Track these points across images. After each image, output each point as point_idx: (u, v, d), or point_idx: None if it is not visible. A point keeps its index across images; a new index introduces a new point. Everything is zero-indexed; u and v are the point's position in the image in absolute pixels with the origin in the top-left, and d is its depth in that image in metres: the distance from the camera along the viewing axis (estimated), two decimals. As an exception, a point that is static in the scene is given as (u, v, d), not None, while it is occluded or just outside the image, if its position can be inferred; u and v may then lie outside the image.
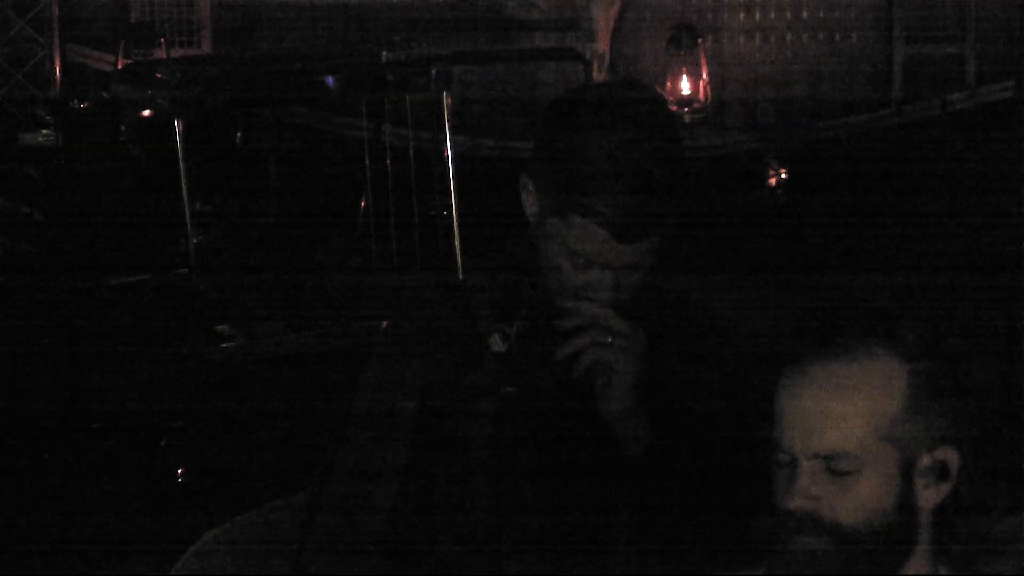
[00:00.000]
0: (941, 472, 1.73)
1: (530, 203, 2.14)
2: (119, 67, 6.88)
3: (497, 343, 2.09)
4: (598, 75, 7.56)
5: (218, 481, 4.48)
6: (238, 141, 6.65)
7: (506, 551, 2.14)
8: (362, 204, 5.75)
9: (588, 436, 2.12)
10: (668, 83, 7.76)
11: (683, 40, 7.82)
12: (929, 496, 1.74)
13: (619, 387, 2.07)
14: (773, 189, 7.35)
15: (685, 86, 7.83)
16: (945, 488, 1.74)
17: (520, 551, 2.14)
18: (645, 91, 2.15)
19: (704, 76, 7.83)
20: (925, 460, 1.73)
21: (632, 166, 2.03)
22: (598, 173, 2.03)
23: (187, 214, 4.87)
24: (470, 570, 2.15)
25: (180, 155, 4.81)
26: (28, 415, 4.95)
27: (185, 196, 4.85)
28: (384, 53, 5.43)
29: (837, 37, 8.18)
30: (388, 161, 5.69)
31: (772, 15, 8.19)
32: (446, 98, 5.15)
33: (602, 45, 7.91)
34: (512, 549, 2.14)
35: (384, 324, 2.26)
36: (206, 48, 8.01)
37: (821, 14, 8.18)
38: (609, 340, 2.06)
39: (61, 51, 7.68)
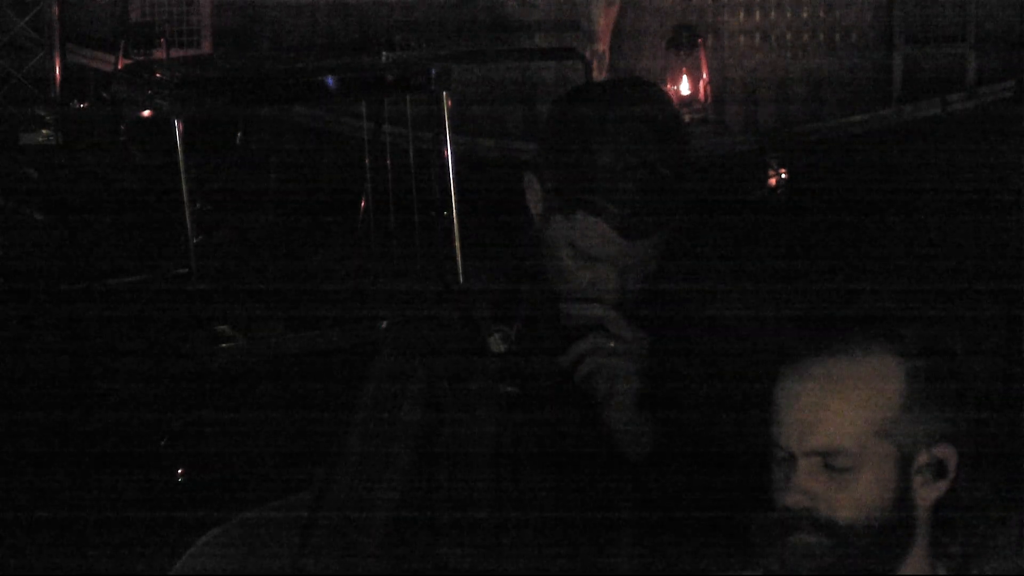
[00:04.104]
0: (939, 470, 1.73)
1: (535, 201, 2.14)
2: (119, 67, 6.89)
3: (497, 343, 2.09)
4: (598, 75, 7.56)
5: (218, 481, 4.48)
6: (238, 141, 6.66)
7: (508, 552, 2.14)
8: (362, 204, 5.75)
9: (590, 438, 2.12)
10: (668, 83, 7.77)
11: (683, 40, 7.83)
12: (927, 494, 1.74)
13: (622, 392, 2.07)
14: (773, 189, 7.36)
15: (685, 86, 7.83)
16: (943, 486, 1.74)
17: (522, 552, 2.14)
18: (650, 88, 2.15)
19: (704, 76, 7.84)
20: (923, 457, 1.73)
21: (638, 163, 2.03)
22: (605, 170, 2.03)
23: (187, 214, 4.87)
24: (472, 570, 2.15)
25: (180, 155, 4.81)
26: (28, 415, 4.95)
27: (185, 196, 4.85)
28: (384, 53, 5.44)
29: (837, 37, 8.19)
30: (388, 161, 5.70)
31: (772, 15, 8.20)
32: (446, 98, 5.14)
33: (602, 45, 7.91)
34: (514, 550, 2.14)
35: (383, 324, 2.26)
36: (206, 48, 8.03)
37: (821, 14, 8.19)
38: (612, 345, 2.06)
39: (61, 51, 7.69)
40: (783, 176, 7.32)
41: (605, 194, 2.03)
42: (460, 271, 5.05)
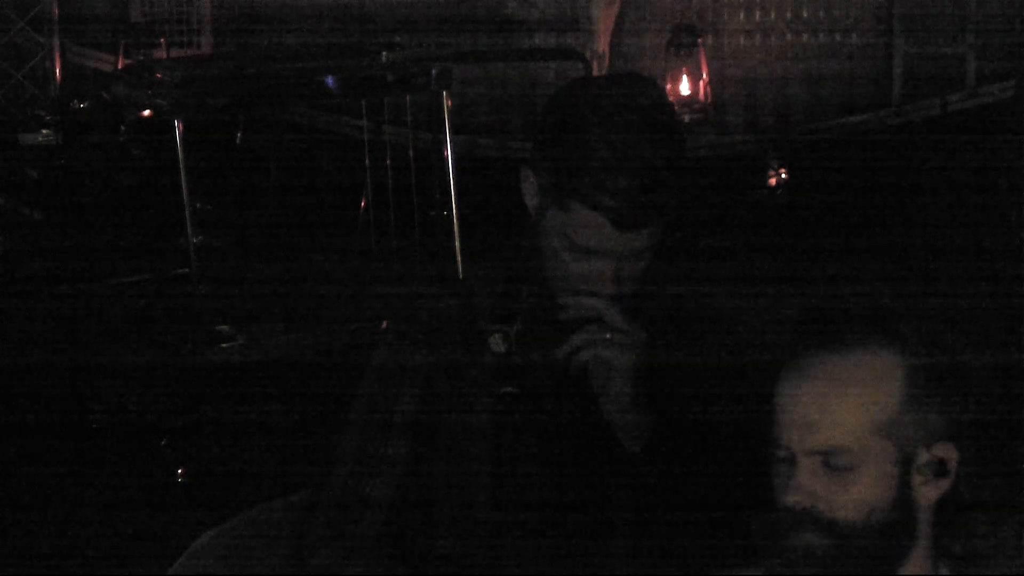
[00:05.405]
0: (939, 469, 1.73)
1: (531, 195, 2.15)
2: (119, 67, 6.88)
3: (497, 343, 2.09)
4: (598, 75, 7.56)
5: (218, 481, 4.48)
6: (238, 141, 6.65)
7: (506, 546, 2.14)
8: (362, 204, 5.75)
9: (588, 432, 2.12)
10: (668, 83, 7.76)
11: (683, 40, 7.81)
12: (927, 493, 1.73)
13: (618, 383, 2.08)
14: (773, 189, 7.35)
15: (685, 86, 7.82)
16: (944, 485, 1.74)
17: (520, 546, 2.14)
18: (644, 82, 2.16)
19: (704, 76, 7.83)
20: (923, 456, 1.73)
21: (633, 155, 2.04)
22: (600, 162, 2.04)
23: (187, 214, 4.87)
24: (470, 565, 2.15)
25: (180, 155, 4.81)
26: (28, 415, 4.95)
27: (185, 196, 4.84)
28: (384, 53, 5.43)
29: (837, 37, 8.18)
30: (388, 161, 5.70)
31: (772, 15, 8.19)
32: (446, 98, 5.14)
33: (602, 45, 7.91)
34: (512, 544, 2.14)
35: (384, 324, 2.26)
36: (206, 48, 8.02)
37: (821, 14, 8.18)
38: (608, 336, 2.07)
39: (61, 51, 7.69)
40: (783, 176, 7.32)
41: (599, 186, 2.04)
42: (460, 271, 5.05)
